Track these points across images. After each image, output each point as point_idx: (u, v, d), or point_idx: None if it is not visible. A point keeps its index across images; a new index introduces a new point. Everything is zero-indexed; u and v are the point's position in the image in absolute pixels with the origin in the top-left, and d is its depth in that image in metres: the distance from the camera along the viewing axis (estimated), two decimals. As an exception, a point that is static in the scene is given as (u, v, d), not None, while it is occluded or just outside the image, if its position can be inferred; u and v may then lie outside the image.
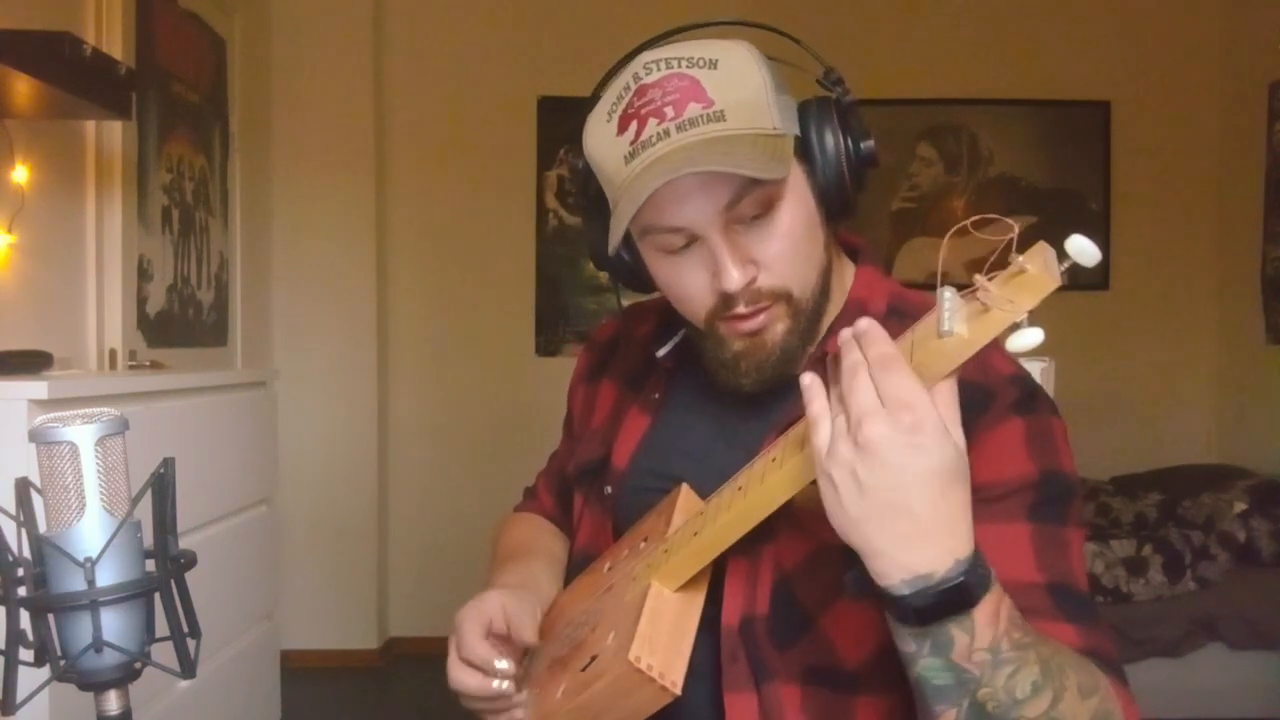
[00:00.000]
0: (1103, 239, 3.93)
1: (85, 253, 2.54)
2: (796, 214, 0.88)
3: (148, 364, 2.72)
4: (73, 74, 1.88)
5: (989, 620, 0.69)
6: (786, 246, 0.88)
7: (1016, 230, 0.64)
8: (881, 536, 0.68)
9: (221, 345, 3.35)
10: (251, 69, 3.55)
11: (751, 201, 0.85)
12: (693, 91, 0.85)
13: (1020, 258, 0.64)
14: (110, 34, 2.55)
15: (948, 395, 0.69)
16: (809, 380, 0.72)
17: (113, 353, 2.60)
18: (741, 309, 0.88)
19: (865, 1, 3.97)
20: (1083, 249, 0.63)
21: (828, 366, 0.73)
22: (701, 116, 0.84)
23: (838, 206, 0.91)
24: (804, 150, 0.89)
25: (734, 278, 0.86)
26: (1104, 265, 3.94)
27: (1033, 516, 0.85)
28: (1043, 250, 0.65)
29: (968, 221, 0.67)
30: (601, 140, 0.89)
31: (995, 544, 0.84)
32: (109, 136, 2.58)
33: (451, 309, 3.96)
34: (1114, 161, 4.01)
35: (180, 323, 3.03)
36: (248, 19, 3.50)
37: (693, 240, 0.87)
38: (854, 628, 0.86)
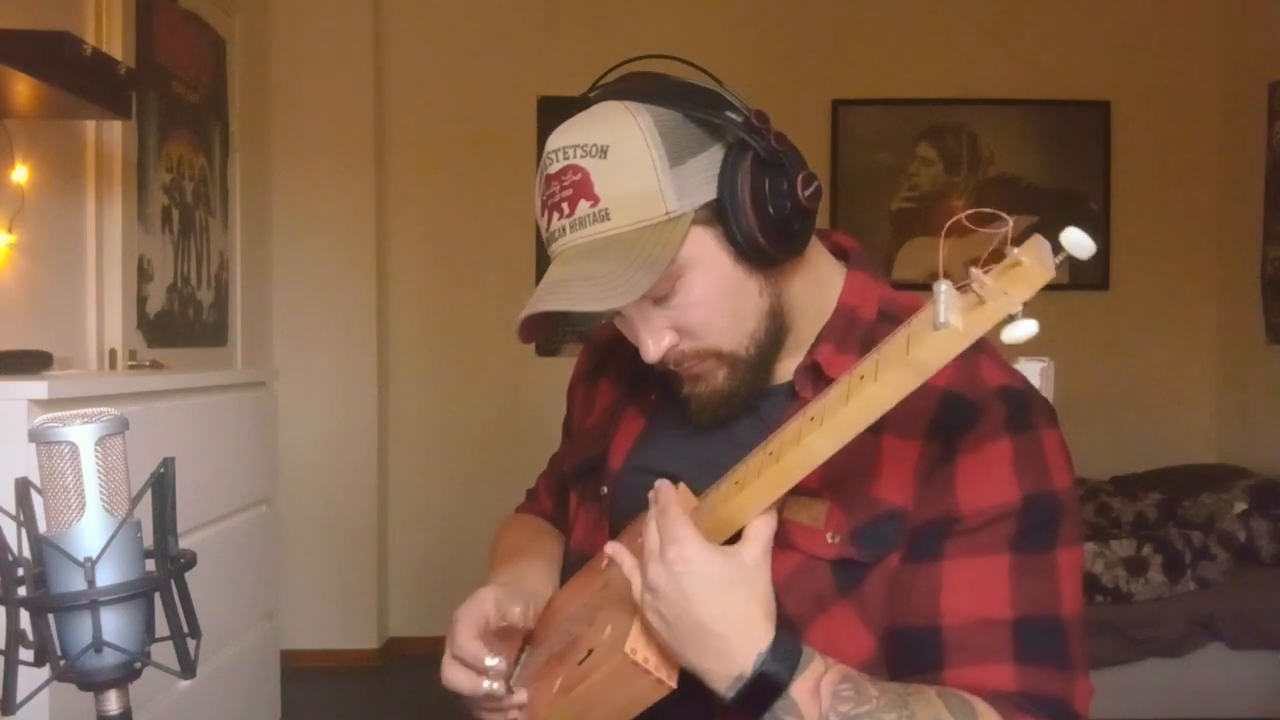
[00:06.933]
0: (1103, 239, 3.93)
1: (85, 253, 2.54)
2: (708, 282, 0.88)
3: (148, 364, 2.72)
4: (73, 74, 1.88)
5: (810, 698, 0.78)
6: (701, 315, 0.89)
7: (1011, 223, 0.65)
8: (697, 656, 0.80)
9: (221, 345, 3.35)
10: (251, 69, 3.55)
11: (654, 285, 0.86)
12: (583, 187, 0.87)
13: (1015, 250, 0.65)
14: (110, 34, 2.55)
15: (760, 525, 0.81)
16: (613, 550, 0.86)
17: (113, 353, 2.59)
18: (672, 367, 0.93)
19: (866, 1, 3.97)
20: (1077, 242, 0.63)
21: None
22: (589, 216, 0.87)
23: (762, 262, 0.89)
24: (718, 212, 0.87)
25: (649, 351, 0.91)
26: (1104, 265, 3.95)
27: (1014, 547, 0.85)
28: (1038, 243, 0.66)
29: (963, 215, 0.67)
30: (536, 212, 0.93)
31: (972, 579, 0.85)
32: (109, 136, 2.58)
33: (451, 309, 3.96)
34: (1114, 161, 4.00)
35: (180, 323, 3.03)
36: (248, 19, 3.50)
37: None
38: (841, 639, 0.86)
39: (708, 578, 0.78)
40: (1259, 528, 3.23)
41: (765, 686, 0.78)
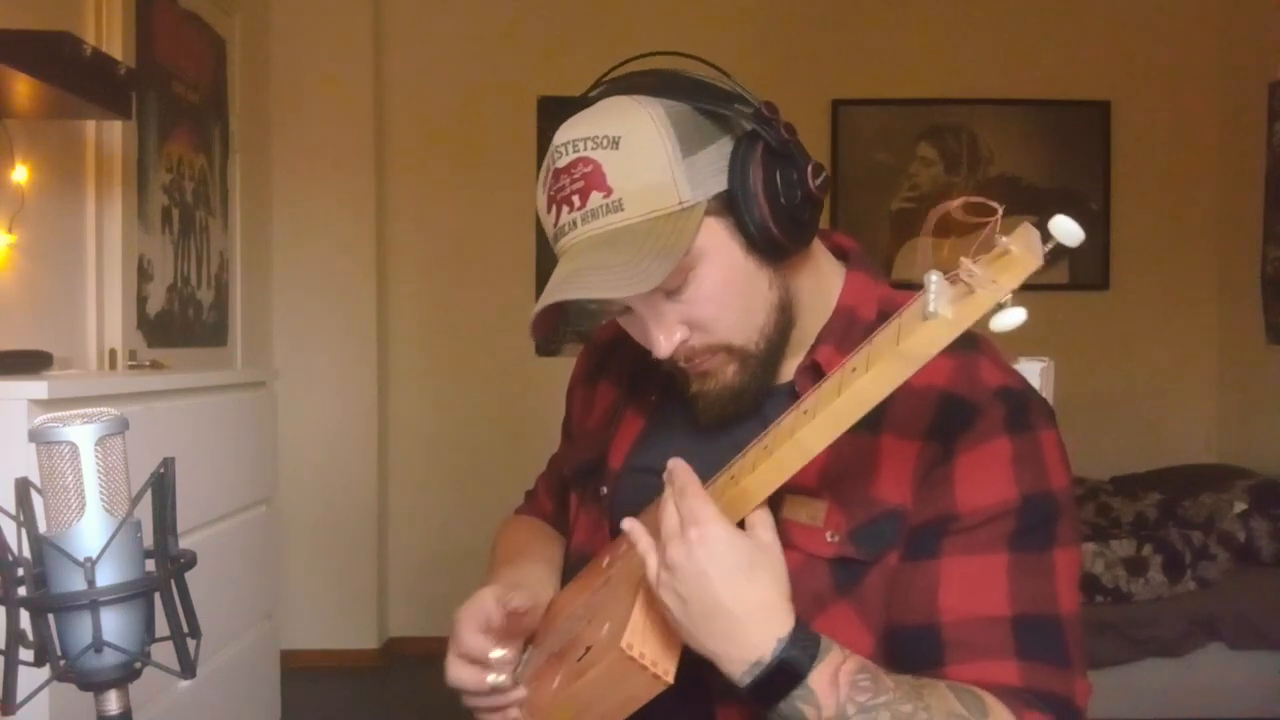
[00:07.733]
0: (1103, 239, 3.93)
1: (85, 253, 2.54)
2: (720, 274, 0.88)
3: (148, 364, 2.72)
4: (73, 74, 1.88)
5: (828, 687, 0.77)
6: (713, 308, 0.89)
7: (1000, 211, 0.65)
8: (712, 640, 0.78)
9: (221, 345, 3.35)
10: (251, 69, 3.55)
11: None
12: (595, 179, 0.87)
13: (1004, 239, 0.65)
14: (110, 34, 2.55)
15: (763, 514, 0.81)
16: (630, 525, 0.84)
17: (113, 353, 2.59)
18: (682, 364, 0.92)
19: (866, 1, 3.97)
20: (1065, 229, 0.64)
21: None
22: (602, 207, 0.86)
23: (773, 252, 0.89)
24: (729, 203, 0.87)
25: (661, 347, 0.90)
26: (1104, 265, 3.95)
27: (1012, 546, 0.85)
28: (1026, 231, 0.66)
29: (952, 204, 0.67)
30: (541, 210, 0.93)
31: (970, 576, 0.85)
32: (109, 136, 2.58)
33: (451, 309, 3.96)
34: (1114, 161, 4.00)
35: (180, 323, 3.03)
36: (248, 19, 3.50)
37: (629, 307, 0.91)
38: (840, 638, 0.86)
39: (730, 558, 0.77)
40: (1259, 528, 3.23)
41: (784, 674, 0.77)
